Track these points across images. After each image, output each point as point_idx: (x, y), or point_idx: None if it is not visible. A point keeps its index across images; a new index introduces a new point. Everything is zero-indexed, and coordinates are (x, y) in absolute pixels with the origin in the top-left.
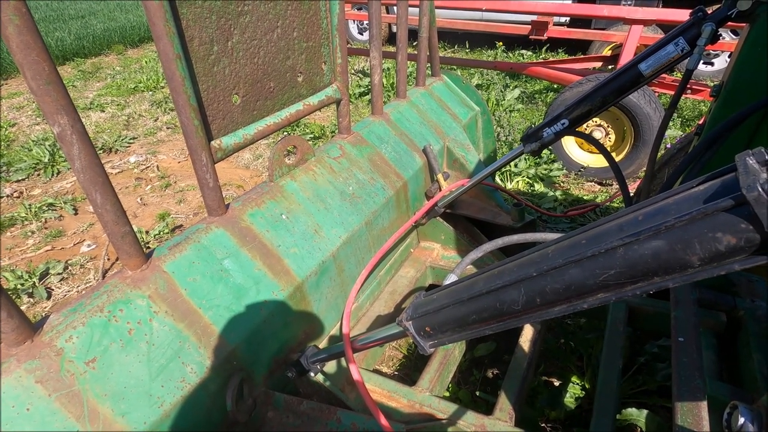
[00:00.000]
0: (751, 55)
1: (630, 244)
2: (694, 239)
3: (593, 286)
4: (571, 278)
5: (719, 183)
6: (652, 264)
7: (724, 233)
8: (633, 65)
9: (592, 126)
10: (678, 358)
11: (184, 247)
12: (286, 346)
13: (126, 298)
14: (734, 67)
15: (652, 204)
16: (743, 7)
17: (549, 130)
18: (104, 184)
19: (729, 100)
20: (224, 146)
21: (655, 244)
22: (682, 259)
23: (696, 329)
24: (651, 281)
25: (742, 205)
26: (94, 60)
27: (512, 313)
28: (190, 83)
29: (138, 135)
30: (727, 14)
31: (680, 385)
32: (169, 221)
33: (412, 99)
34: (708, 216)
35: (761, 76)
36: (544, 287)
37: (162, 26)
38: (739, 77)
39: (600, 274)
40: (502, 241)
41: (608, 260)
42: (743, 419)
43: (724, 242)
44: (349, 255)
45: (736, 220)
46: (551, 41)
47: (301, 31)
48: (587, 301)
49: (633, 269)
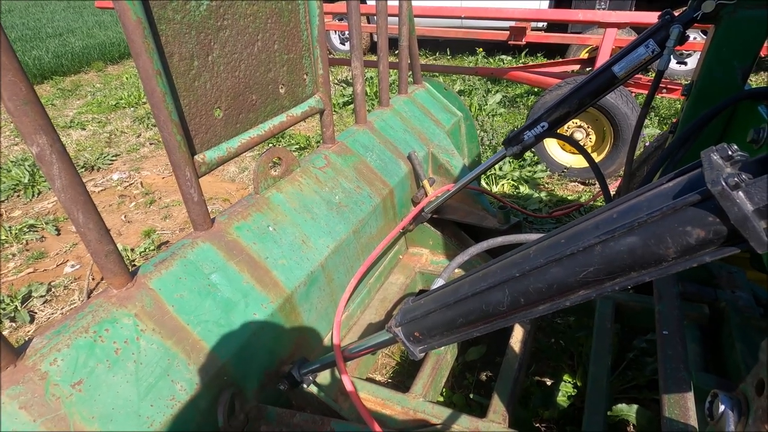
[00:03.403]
0: (718, 55)
1: (606, 242)
2: (666, 234)
3: (574, 283)
4: (552, 277)
5: (687, 179)
6: (628, 259)
7: (693, 227)
8: (607, 68)
9: (572, 127)
10: (663, 352)
11: (170, 263)
12: (278, 359)
13: (112, 317)
14: (702, 66)
15: (626, 201)
16: (708, 9)
17: (529, 133)
18: (86, 203)
19: (699, 98)
20: (208, 160)
21: (629, 240)
22: (656, 253)
23: (680, 322)
24: (629, 276)
25: (708, 199)
26: (73, 78)
27: (498, 314)
28: (171, 99)
29: (120, 152)
30: (693, 16)
31: (666, 378)
32: (154, 238)
33: (395, 107)
34: (677, 211)
35: (728, 74)
36: (527, 287)
37: (141, 43)
38: (708, 76)
39: (580, 271)
40: (487, 243)
41: (587, 258)
42: (723, 407)
43: (694, 235)
44: (338, 264)
45: (703, 213)
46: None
47: (281, 44)
48: (569, 298)
49: (611, 265)
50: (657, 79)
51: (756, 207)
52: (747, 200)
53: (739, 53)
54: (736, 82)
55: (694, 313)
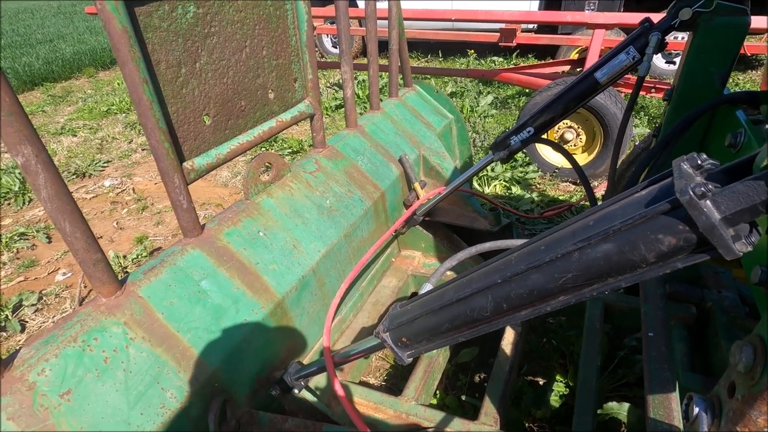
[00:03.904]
0: (696, 61)
1: (583, 249)
2: (639, 241)
3: (554, 289)
4: (533, 283)
5: (658, 188)
6: (604, 266)
7: (664, 234)
8: (590, 74)
9: (563, 128)
10: (648, 353)
11: (159, 270)
12: (269, 364)
13: (100, 326)
14: (682, 72)
15: (602, 209)
16: (685, 17)
17: (516, 138)
18: (73, 212)
19: (680, 103)
20: (197, 167)
21: (605, 247)
22: (631, 260)
23: (665, 323)
24: (605, 282)
25: (677, 208)
26: (64, 84)
27: (482, 320)
28: (159, 106)
29: (112, 158)
30: (671, 24)
31: (651, 379)
32: (147, 244)
33: (386, 110)
34: (649, 219)
35: (707, 80)
36: (509, 293)
37: (127, 51)
38: (688, 82)
39: (559, 278)
40: (476, 249)
41: (565, 264)
42: (697, 409)
43: (666, 243)
44: (330, 268)
45: (674, 222)
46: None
47: (270, 50)
48: (550, 304)
49: (588, 272)
50: (638, 85)
51: (723, 215)
52: (714, 209)
53: (716, 59)
54: (715, 87)
55: (682, 313)
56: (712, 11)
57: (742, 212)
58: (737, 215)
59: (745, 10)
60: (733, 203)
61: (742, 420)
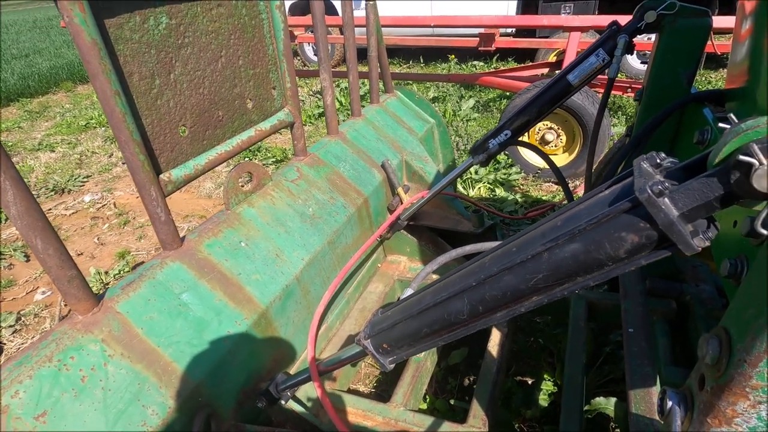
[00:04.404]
0: (664, 62)
1: (552, 249)
2: (604, 240)
3: (526, 290)
4: (506, 285)
5: (620, 187)
6: (572, 265)
7: (627, 232)
8: (562, 77)
9: (543, 129)
10: (629, 349)
11: (138, 285)
12: (255, 376)
13: (77, 344)
14: (650, 73)
15: (569, 210)
16: (650, 19)
17: (494, 142)
18: (44, 229)
19: (650, 103)
20: (174, 179)
21: (572, 247)
22: (597, 258)
23: (644, 319)
24: (575, 281)
25: (638, 206)
26: (41, 99)
27: (460, 323)
28: (132, 119)
29: (92, 173)
30: (637, 26)
31: (632, 375)
32: (129, 259)
33: (367, 116)
34: (612, 218)
35: (674, 80)
36: (483, 295)
37: (97, 64)
38: (656, 82)
39: (530, 278)
40: (456, 252)
41: (536, 265)
42: (671, 402)
43: (629, 240)
44: (314, 276)
45: (635, 220)
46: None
47: (246, 59)
48: (524, 305)
49: (558, 272)
50: (609, 86)
51: (681, 212)
52: (672, 206)
53: (682, 59)
54: (683, 86)
55: (662, 308)
56: (676, 14)
57: (698, 208)
58: (694, 211)
59: (706, 11)
60: (689, 200)
61: (712, 411)
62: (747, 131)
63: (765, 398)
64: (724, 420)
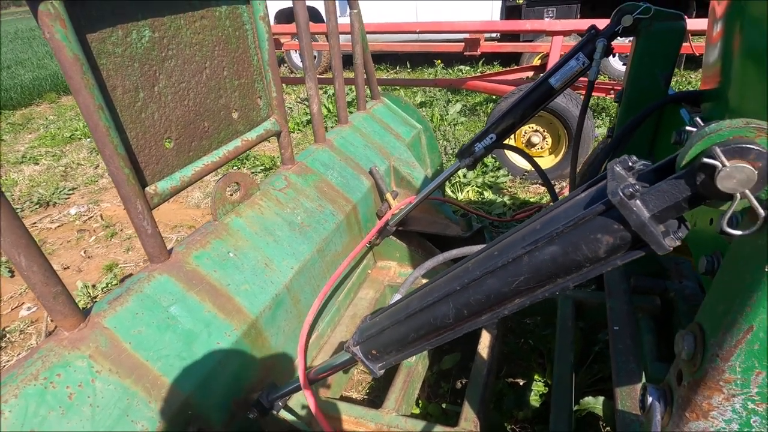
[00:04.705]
0: (641, 64)
1: (532, 252)
2: (581, 242)
3: (508, 293)
4: (489, 288)
5: (595, 190)
6: (552, 267)
7: (602, 234)
8: (544, 80)
9: (529, 132)
10: (614, 346)
11: (125, 299)
12: (246, 387)
13: (63, 361)
14: (629, 75)
15: (548, 213)
16: (627, 23)
17: (480, 145)
18: (28, 245)
19: (629, 104)
20: (160, 191)
21: (551, 249)
22: (575, 260)
23: (629, 316)
24: (555, 283)
25: (611, 209)
26: (24, 111)
27: (446, 327)
28: (116, 132)
29: (78, 185)
30: (614, 30)
31: (618, 372)
32: (117, 271)
33: (354, 123)
34: (587, 221)
35: (652, 81)
36: (468, 299)
37: (80, 79)
38: (635, 84)
39: (512, 281)
40: (443, 256)
41: (517, 268)
42: (651, 398)
43: (604, 242)
44: (304, 285)
45: (609, 222)
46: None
47: (231, 70)
48: (507, 307)
49: (538, 274)
50: (589, 88)
51: (652, 213)
52: (643, 207)
53: (659, 61)
54: (660, 87)
55: (647, 305)
56: (651, 17)
57: (668, 209)
58: (664, 212)
59: (681, 15)
60: (659, 201)
61: (690, 406)
62: (711, 134)
63: (738, 391)
64: (701, 414)
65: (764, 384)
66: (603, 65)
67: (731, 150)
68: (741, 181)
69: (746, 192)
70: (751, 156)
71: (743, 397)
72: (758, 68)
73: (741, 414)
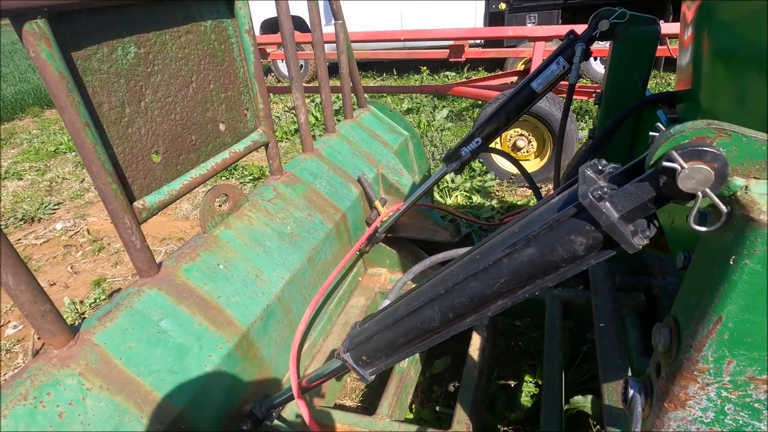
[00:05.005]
0: (619, 67)
1: (511, 254)
2: (557, 243)
3: (491, 295)
4: (472, 291)
5: (568, 193)
6: (530, 269)
7: (576, 235)
8: (526, 84)
9: (515, 136)
10: (600, 343)
11: (115, 314)
12: (239, 398)
13: (53, 380)
14: (608, 78)
15: (526, 216)
16: (603, 28)
17: (466, 149)
18: (15, 264)
19: (609, 107)
20: (149, 205)
21: (529, 251)
22: (552, 260)
23: (614, 313)
24: (535, 283)
25: (583, 211)
26: (6, 126)
27: (432, 330)
28: (103, 148)
29: (63, 199)
30: (592, 34)
31: (604, 368)
32: (105, 286)
33: (341, 132)
34: (561, 223)
35: (630, 83)
36: (452, 302)
37: (65, 97)
38: (613, 86)
39: (494, 283)
40: (429, 261)
41: (497, 270)
42: (632, 391)
43: (578, 243)
44: (295, 294)
45: (581, 223)
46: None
47: (217, 83)
48: (490, 309)
49: (518, 275)
50: (570, 91)
51: (620, 214)
52: (612, 209)
53: (636, 64)
54: (638, 89)
55: (632, 302)
56: (627, 22)
57: (635, 210)
58: (632, 213)
59: (655, 19)
60: (627, 202)
61: (668, 396)
62: (674, 136)
63: (712, 380)
64: (679, 403)
65: (736, 372)
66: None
67: (689, 152)
68: (700, 181)
69: (707, 191)
70: (707, 157)
71: (717, 386)
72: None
73: (716, 402)
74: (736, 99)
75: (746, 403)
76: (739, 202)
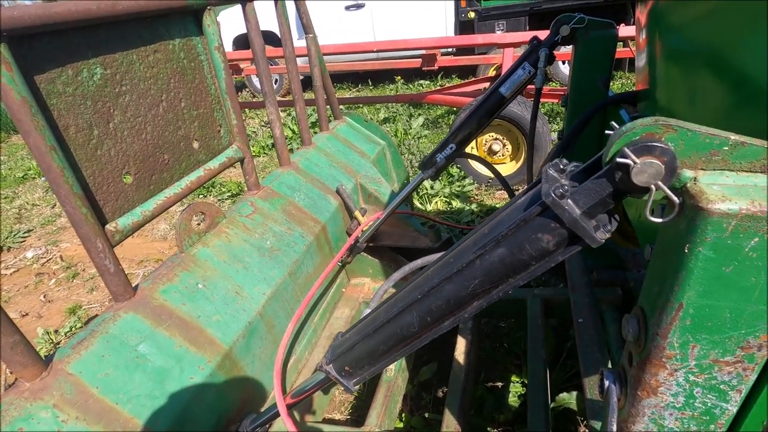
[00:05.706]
0: (581, 70)
1: (482, 255)
2: (524, 242)
3: (466, 296)
4: (448, 294)
5: (533, 193)
6: (502, 268)
7: (542, 233)
8: (495, 90)
9: (490, 140)
10: (580, 338)
11: (90, 342)
12: (225, 418)
13: (25, 413)
14: (572, 80)
15: (496, 217)
16: (565, 33)
17: (441, 156)
18: None
19: (574, 108)
20: (121, 228)
21: (499, 251)
22: (521, 259)
23: (592, 309)
24: (507, 282)
25: (547, 209)
26: None
27: (412, 336)
28: (71, 172)
29: (33, 226)
30: (555, 39)
31: (585, 362)
32: (81, 314)
33: (318, 144)
34: (528, 222)
35: (592, 85)
36: (430, 306)
37: (29, 121)
38: (577, 88)
39: (468, 285)
40: (409, 267)
41: (471, 272)
42: (607, 382)
43: (545, 240)
44: (277, 309)
45: (546, 221)
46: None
47: (188, 101)
48: (467, 310)
49: (490, 276)
50: (537, 95)
51: (582, 210)
52: (574, 205)
53: (597, 67)
54: (600, 90)
55: (609, 296)
56: (586, 27)
57: (596, 206)
58: (593, 209)
59: (612, 23)
60: (587, 199)
61: (641, 384)
62: (626, 133)
63: (679, 365)
64: (651, 390)
65: (700, 356)
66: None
67: (640, 148)
68: (652, 175)
69: (659, 183)
70: (657, 152)
71: (684, 371)
72: (678, 69)
73: (684, 387)
74: (689, 96)
75: (712, 385)
76: (689, 192)
